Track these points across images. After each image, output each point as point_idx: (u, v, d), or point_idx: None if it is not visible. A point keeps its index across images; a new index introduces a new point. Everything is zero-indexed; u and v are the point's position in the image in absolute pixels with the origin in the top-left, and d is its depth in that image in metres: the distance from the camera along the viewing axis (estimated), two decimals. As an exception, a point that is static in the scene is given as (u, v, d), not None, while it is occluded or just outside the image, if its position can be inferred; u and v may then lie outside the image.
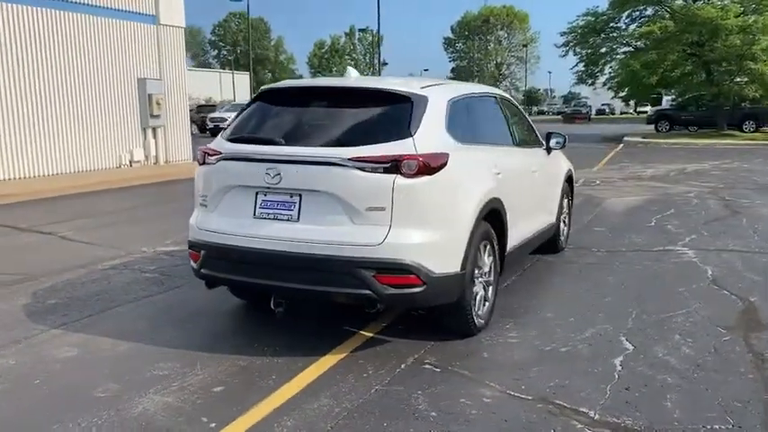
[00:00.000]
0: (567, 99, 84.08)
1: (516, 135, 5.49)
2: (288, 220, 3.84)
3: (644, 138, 27.31)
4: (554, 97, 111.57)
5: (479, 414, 3.27)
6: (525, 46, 77.21)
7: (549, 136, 6.14)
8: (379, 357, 3.99)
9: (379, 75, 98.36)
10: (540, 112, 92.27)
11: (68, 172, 13.35)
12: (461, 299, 4.09)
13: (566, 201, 6.99)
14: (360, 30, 71.54)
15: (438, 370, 3.82)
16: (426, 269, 3.76)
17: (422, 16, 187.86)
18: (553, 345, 4.19)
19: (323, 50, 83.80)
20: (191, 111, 42.14)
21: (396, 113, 3.98)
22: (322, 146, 3.83)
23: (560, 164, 6.64)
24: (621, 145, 24.95)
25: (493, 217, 4.52)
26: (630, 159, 18.62)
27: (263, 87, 4.47)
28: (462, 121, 4.47)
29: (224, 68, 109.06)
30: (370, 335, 4.38)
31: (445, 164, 3.88)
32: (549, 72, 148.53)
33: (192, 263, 4.30)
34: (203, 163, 4.23)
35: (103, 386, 3.59)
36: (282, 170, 3.81)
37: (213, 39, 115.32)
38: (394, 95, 4.06)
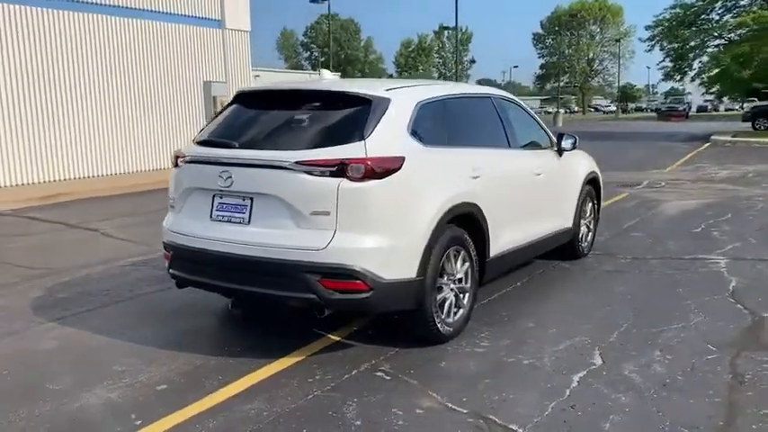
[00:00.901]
0: (669, 95, 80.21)
1: (515, 137, 5.29)
2: (240, 222, 3.88)
3: (734, 137, 25.63)
4: (655, 93, 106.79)
5: (404, 426, 3.19)
6: (618, 41, 74.16)
7: (560, 137, 5.89)
8: (335, 362, 3.95)
9: (466, 73, 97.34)
10: (639, 109, 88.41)
11: (133, 171, 14.06)
12: (421, 306, 3.99)
13: (589, 205, 6.67)
14: (444, 27, 70.95)
15: (388, 378, 3.75)
16: (373, 274, 3.69)
17: (512, 12, 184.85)
18: (519, 357, 4.01)
19: (410, 50, 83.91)
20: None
21: (353, 116, 3.93)
22: (274, 149, 3.84)
23: (577, 166, 6.35)
24: (707, 144, 23.53)
25: (467, 222, 4.38)
26: (710, 160, 17.55)
27: (238, 90, 4.53)
28: (433, 124, 4.36)
29: (314, 70, 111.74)
30: (337, 338, 4.35)
31: (398, 167, 3.80)
32: (648, 67, 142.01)
33: (166, 263, 4.43)
34: (176, 166, 4.34)
35: (60, 379, 3.75)
36: (234, 173, 3.85)
37: (305, 41, 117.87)
38: (355, 98, 4.02)
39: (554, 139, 5.89)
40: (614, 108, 76.21)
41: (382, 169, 3.72)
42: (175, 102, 14.89)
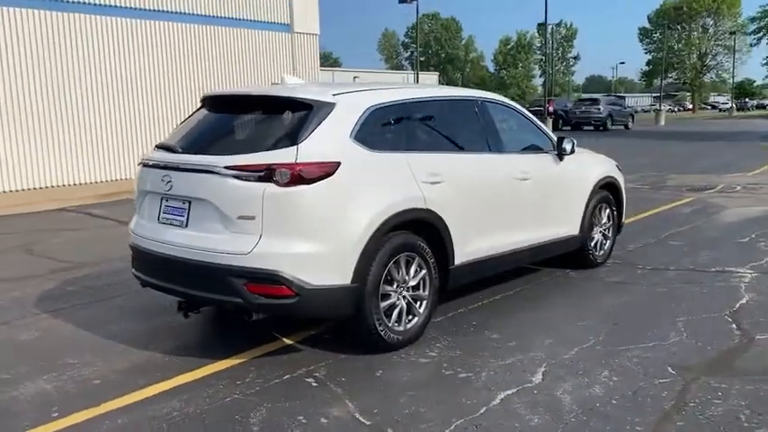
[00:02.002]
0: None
1: (498, 141, 5.09)
2: (180, 226, 3.98)
3: None
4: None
5: (298, 435, 3.17)
6: (733, 33, 69.20)
7: (559, 141, 5.61)
8: (274, 366, 3.97)
9: (570, 70, 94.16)
10: (761, 106, 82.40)
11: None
12: (360, 313, 3.94)
13: (606, 211, 6.32)
14: (540, 24, 69.00)
15: (315, 385, 3.73)
16: (299, 280, 3.68)
17: (619, 7, 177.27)
18: (459, 369, 3.87)
19: (508, 47, 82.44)
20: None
21: (292, 121, 3.94)
22: (211, 154, 3.91)
23: (586, 170, 6.01)
24: (815, 145, 21.62)
25: (424, 228, 4.28)
26: (807, 162, 16.11)
27: (203, 95, 4.64)
28: (386, 128, 4.29)
29: (414, 69, 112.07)
30: (290, 342, 4.37)
31: (330, 173, 3.76)
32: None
33: None
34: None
35: (15, 369, 3.99)
36: (173, 177, 3.96)
37: (406, 41, 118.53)
38: (298, 103, 4.02)
39: (552, 144, 5.63)
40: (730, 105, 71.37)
41: (311, 174, 3.70)
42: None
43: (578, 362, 3.94)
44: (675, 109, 78.51)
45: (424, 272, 4.33)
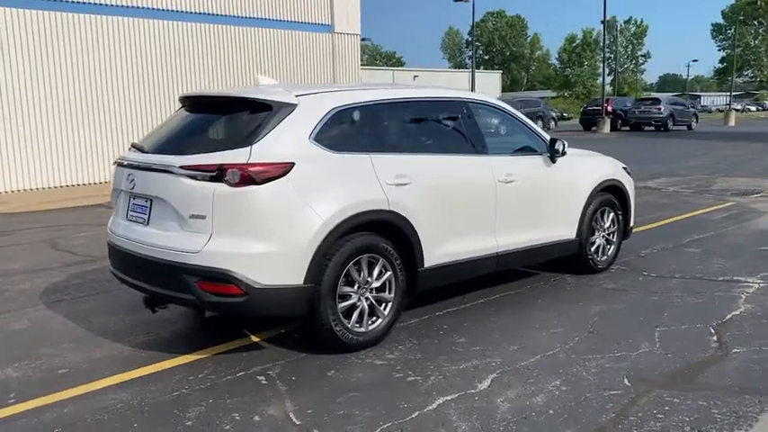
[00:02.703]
0: None
1: (482, 143, 5.00)
2: (142, 223, 4.11)
3: None
4: None
5: (226, 431, 3.22)
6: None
7: (552, 142, 5.47)
8: (231, 362, 4.04)
9: (640, 68, 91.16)
10: None
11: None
12: (315, 313, 3.97)
13: (610, 215, 6.13)
14: (601, 21, 66.85)
15: (265, 382, 3.77)
16: (248, 279, 3.74)
17: (690, 2, 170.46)
18: (410, 373, 3.85)
19: (573, 44, 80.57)
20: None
21: (251, 122, 4.00)
22: (170, 153, 4.01)
23: (584, 172, 5.82)
24: None
25: (389, 230, 4.27)
26: None
27: (180, 95, 4.75)
28: (351, 130, 4.29)
29: (478, 68, 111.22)
30: (257, 339, 4.44)
31: (282, 174, 3.80)
32: None
33: None
34: (123, 167, 4.67)
35: (-7, 356, 4.23)
36: (137, 176, 4.09)
37: (470, 39, 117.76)
38: (258, 104, 4.08)
39: (545, 145, 5.50)
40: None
41: (262, 175, 3.75)
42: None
43: (534, 369, 3.84)
44: (754, 108, 74.91)
45: (389, 274, 4.31)
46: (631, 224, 6.51)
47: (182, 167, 3.82)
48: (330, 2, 16.08)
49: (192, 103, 4.57)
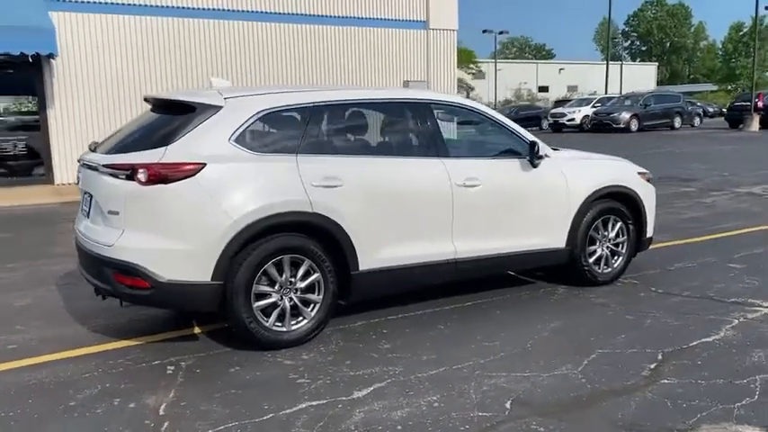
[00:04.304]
0: None
1: (439, 145, 4.82)
2: (87, 217, 4.44)
3: None
4: None
5: (98, 414, 3.41)
6: None
7: (532, 146, 5.15)
8: (157, 351, 4.26)
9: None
10: None
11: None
12: (228, 310, 4.09)
13: (617, 224, 5.68)
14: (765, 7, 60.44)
15: (169, 373, 3.93)
16: (153, 273, 3.93)
17: None
18: (303, 375, 3.85)
19: (740, 34, 73.59)
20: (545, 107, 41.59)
21: (176, 123, 4.19)
22: (104, 153, 4.30)
23: (572, 177, 5.34)
24: None
25: (317, 232, 4.29)
26: None
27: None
28: (279, 132, 4.37)
29: (633, 60, 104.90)
30: (197, 331, 4.65)
31: (192, 174, 3.95)
32: None
33: None
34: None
35: (-27, 330, 4.78)
36: (81, 174, 4.43)
37: (626, 29, 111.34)
38: (185, 106, 4.28)
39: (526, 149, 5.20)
40: None
41: (171, 175, 3.92)
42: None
43: (425, 382, 3.71)
44: None
45: (316, 275, 4.33)
46: (648, 235, 5.95)
47: (104, 166, 4.10)
48: (426, -3, 16.03)
49: (150, 103, 4.84)
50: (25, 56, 10.85)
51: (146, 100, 4.64)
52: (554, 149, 5.62)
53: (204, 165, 3.99)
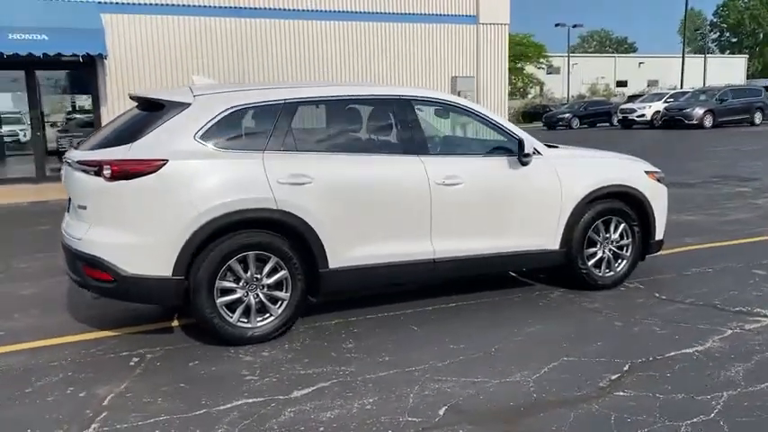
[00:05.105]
0: None
1: (418, 143, 4.71)
2: (68, 213, 4.60)
3: None
4: None
5: (45, 404, 3.54)
6: None
7: (520, 144, 4.96)
8: (131, 342, 4.39)
9: None
10: None
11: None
12: (191, 304, 4.16)
13: (621, 226, 5.41)
14: None
15: (132, 364, 4.03)
16: (116, 267, 4.04)
17: None
18: (255, 372, 3.86)
19: (840, 23, 68.46)
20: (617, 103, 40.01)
21: (144, 120, 4.30)
22: (81, 150, 4.44)
23: (566, 176, 5.10)
24: None
25: (284, 229, 4.29)
26: None
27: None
28: (247, 129, 4.40)
29: (722, 53, 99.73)
30: (175, 324, 4.75)
31: (154, 170, 4.03)
32: None
33: None
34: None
35: (-33, 317, 5.06)
36: (63, 170, 4.59)
37: (715, 20, 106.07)
38: (155, 103, 4.37)
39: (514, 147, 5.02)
40: None
41: (133, 171, 4.01)
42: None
43: (368, 383, 3.65)
44: None
45: (283, 273, 4.34)
46: (658, 237, 5.63)
47: (77, 162, 4.24)
48: (476, -8, 15.76)
49: (134, 100, 4.96)
50: (76, 56, 11.36)
51: (131, 98, 4.77)
52: (550, 147, 5.40)
53: (166, 161, 4.06)
